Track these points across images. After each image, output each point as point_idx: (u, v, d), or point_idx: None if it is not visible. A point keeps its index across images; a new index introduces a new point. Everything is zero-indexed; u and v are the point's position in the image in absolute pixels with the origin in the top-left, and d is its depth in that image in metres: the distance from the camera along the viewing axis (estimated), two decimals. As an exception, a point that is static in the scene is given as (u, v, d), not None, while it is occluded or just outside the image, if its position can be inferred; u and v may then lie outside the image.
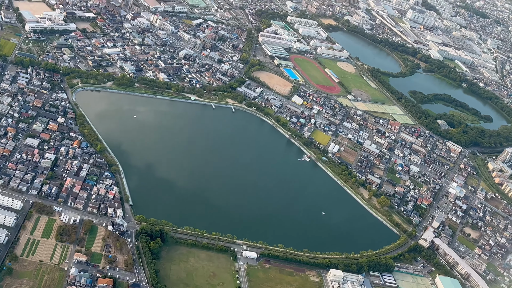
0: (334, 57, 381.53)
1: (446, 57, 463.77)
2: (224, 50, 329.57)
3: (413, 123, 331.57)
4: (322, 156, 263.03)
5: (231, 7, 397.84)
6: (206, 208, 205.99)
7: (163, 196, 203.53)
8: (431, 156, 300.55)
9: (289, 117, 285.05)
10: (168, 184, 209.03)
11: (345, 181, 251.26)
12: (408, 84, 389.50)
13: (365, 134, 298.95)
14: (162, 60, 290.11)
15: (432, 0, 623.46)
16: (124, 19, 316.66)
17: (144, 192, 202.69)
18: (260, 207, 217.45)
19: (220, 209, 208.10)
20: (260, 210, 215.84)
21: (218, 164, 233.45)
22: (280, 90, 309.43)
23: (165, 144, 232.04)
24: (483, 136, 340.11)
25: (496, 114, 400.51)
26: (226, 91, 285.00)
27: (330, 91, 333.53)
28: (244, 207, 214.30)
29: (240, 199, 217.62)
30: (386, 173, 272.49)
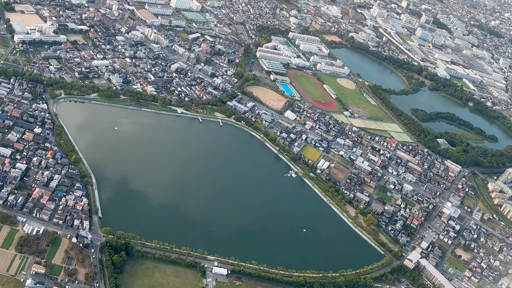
0: (334, 73, 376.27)
1: (454, 76, 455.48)
2: (219, 65, 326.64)
3: (411, 141, 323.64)
4: (310, 172, 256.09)
5: (231, 22, 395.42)
6: (180, 223, 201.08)
7: (136, 209, 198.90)
8: (427, 175, 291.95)
9: (279, 132, 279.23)
10: (142, 198, 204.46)
11: (332, 198, 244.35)
12: (411, 101, 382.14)
13: (358, 151, 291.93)
14: (152, 73, 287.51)
15: (444, 19, 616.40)
16: (118, 32, 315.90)
17: (116, 204, 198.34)
18: (238, 222, 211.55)
19: (195, 224, 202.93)
20: (237, 225, 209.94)
21: (199, 178, 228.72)
22: (273, 105, 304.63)
23: (145, 156, 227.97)
24: (485, 155, 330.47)
25: (502, 134, 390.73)
26: (215, 105, 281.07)
27: (326, 107, 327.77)
28: (221, 222, 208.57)
29: (218, 214, 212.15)
30: (376, 191, 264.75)
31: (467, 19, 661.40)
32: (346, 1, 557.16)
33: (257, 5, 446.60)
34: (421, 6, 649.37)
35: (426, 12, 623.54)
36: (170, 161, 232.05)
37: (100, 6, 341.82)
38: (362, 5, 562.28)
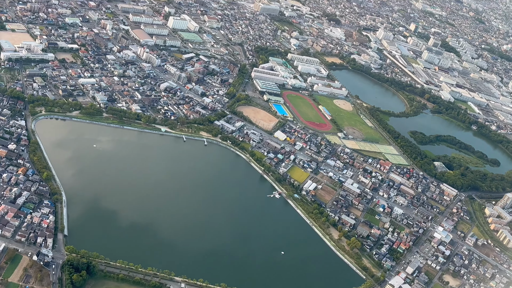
0: (332, 94, 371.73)
1: (458, 99, 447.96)
2: (211, 84, 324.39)
3: (407, 164, 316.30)
4: (294, 193, 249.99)
5: (229, 43, 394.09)
6: (150, 243, 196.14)
7: (105, 228, 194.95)
8: (420, 198, 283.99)
9: (267, 152, 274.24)
10: (113, 216, 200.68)
11: (315, 220, 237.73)
12: (410, 124, 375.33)
13: (349, 172, 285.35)
14: (140, 92, 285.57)
15: (453, 42, 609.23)
16: (109, 51, 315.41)
17: (85, 223, 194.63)
18: (212, 243, 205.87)
19: (166, 244, 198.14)
20: (211, 246, 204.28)
21: (176, 197, 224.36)
22: (264, 125, 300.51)
23: (121, 174, 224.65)
24: (484, 180, 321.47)
25: (506, 158, 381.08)
26: (202, 124, 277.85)
27: (319, 128, 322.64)
28: (194, 242, 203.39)
29: (192, 234, 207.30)
30: (364, 213, 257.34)
31: (478, 43, 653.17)
32: (351, 24, 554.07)
33: (258, 27, 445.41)
34: (431, 29, 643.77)
35: (435, 35, 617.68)
36: (147, 180, 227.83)
37: (94, 26, 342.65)
38: (368, 28, 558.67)
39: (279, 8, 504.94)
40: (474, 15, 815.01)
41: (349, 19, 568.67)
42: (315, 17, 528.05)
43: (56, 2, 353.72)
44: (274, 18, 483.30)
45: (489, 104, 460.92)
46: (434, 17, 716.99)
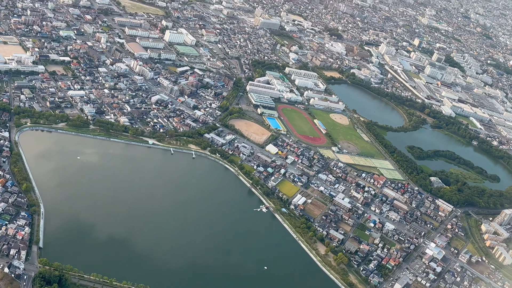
0: (328, 108, 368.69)
1: (460, 114, 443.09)
2: (204, 97, 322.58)
3: (402, 179, 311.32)
4: (282, 207, 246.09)
5: (226, 57, 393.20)
6: (128, 256, 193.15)
7: (82, 241, 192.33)
8: (414, 214, 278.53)
9: (256, 166, 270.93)
10: (91, 229, 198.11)
11: (301, 235, 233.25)
12: (409, 139, 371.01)
13: (341, 187, 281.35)
14: (130, 104, 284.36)
15: (458, 58, 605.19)
16: (102, 64, 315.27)
17: (62, 235, 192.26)
18: (193, 256, 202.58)
19: (145, 258, 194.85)
20: (191, 260, 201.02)
21: (158, 210, 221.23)
22: (255, 139, 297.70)
23: (103, 187, 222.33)
24: (481, 195, 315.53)
25: (507, 174, 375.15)
26: (191, 137, 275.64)
27: (313, 141, 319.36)
28: (174, 256, 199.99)
29: (172, 249, 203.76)
30: (354, 229, 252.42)
31: (483, 58, 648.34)
32: (354, 38, 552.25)
33: (257, 41, 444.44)
34: (435, 44, 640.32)
35: (440, 51, 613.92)
36: (130, 192, 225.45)
37: (89, 39, 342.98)
38: (371, 42, 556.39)
39: (280, 23, 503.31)
40: (481, 30, 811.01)
41: (351, 34, 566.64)
42: (316, 32, 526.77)
43: (52, 15, 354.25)
44: (274, 32, 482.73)
45: (491, 120, 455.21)
46: (440, 33, 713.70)
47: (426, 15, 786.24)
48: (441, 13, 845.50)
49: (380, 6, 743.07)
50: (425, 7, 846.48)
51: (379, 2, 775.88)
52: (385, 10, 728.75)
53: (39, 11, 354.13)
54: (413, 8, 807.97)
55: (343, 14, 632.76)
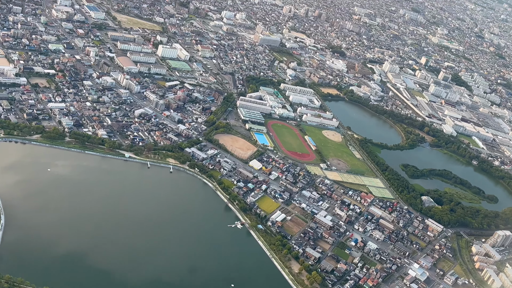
0: (321, 125, 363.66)
1: (462, 133, 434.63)
2: (191, 112, 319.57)
3: (392, 197, 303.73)
4: (258, 224, 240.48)
5: (220, 72, 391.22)
6: (87, 272, 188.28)
7: (40, 254, 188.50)
8: (400, 233, 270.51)
9: (237, 181, 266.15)
10: (51, 243, 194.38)
11: (276, 253, 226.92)
12: (404, 157, 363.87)
13: (325, 204, 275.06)
14: (111, 118, 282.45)
15: (466, 77, 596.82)
16: (88, 77, 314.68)
17: (19, 248, 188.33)
18: (157, 274, 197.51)
19: (104, 273, 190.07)
20: (156, 277, 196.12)
21: (127, 225, 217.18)
22: (240, 154, 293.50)
23: (71, 200, 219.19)
24: (475, 216, 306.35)
25: (507, 195, 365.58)
26: (171, 151, 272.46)
27: (301, 158, 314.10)
28: (136, 273, 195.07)
29: (136, 264, 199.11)
30: (333, 247, 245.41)
31: (494, 78, 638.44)
32: (357, 56, 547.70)
33: (254, 57, 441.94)
34: (444, 63, 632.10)
35: (448, 69, 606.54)
36: (98, 205, 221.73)
37: (78, 52, 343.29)
38: (375, 60, 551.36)
39: (281, 40, 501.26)
40: (494, 50, 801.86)
41: (355, 51, 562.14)
42: (318, 49, 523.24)
43: (43, 29, 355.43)
44: (274, 49, 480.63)
45: (495, 139, 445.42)
46: (450, 52, 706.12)
47: (437, 34, 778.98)
48: (453, 32, 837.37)
49: (390, 25, 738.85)
50: (437, 26, 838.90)
51: (389, 21, 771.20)
52: (394, 29, 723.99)
53: (30, 24, 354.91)
54: (424, 27, 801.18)
55: (348, 32, 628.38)
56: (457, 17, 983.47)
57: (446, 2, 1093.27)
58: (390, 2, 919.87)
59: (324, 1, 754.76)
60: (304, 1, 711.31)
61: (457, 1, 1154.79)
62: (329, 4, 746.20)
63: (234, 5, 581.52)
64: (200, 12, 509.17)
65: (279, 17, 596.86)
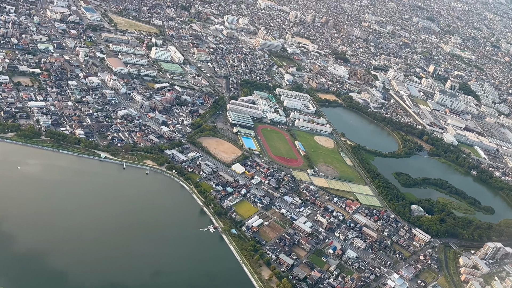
0: (314, 130, 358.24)
1: (464, 142, 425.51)
2: (178, 114, 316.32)
3: (380, 205, 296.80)
4: (232, 229, 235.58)
5: (214, 75, 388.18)
6: (42, 274, 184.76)
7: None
8: (383, 242, 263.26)
9: (215, 185, 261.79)
10: (9, 243, 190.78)
11: (247, 258, 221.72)
12: (399, 165, 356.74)
13: (306, 211, 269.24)
14: (93, 118, 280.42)
15: (475, 86, 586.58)
16: (74, 77, 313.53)
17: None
18: (117, 277, 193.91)
19: (61, 276, 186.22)
20: (115, 280, 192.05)
21: (91, 226, 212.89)
22: (223, 157, 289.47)
23: (37, 198, 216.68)
24: (467, 227, 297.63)
25: (505, 207, 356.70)
26: (150, 152, 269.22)
27: (288, 163, 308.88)
28: (94, 276, 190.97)
29: (95, 267, 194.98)
30: (310, 254, 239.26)
31: (505, 88, 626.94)
32: (362, 63, 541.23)
33: (252, 62, 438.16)
34: (453, 72, 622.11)
35: (457, 78, 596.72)
36: (66, 205, 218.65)
37: (68, 53, 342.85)
38: (380, 67, 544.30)
39: (282, 45, 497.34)
40: (509, 60, 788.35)
41: (360, 58, 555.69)
42: (321, 55, 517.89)
43: (34, 29, 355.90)
44: (274, 54, 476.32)
45: (499, 150, 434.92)
46: (462, 61, 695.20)
47: (450, 43, 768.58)
48: (468, 41, 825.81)
49: (400, 33, 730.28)
50: (451, 35, 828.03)
51: (400, 28, 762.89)
52: (405, 37, 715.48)
53: (22, 24, 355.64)
54: (437, 36, 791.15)
55: (356, 39, 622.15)
56: (474, 26, 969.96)
57: (464, 11, 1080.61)
58: (404, 10, 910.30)
59: (334, 8, 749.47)
60: (313, 7, 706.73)
61: (475, 10, 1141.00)
62: (339, 11, 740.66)
63: (239, 10, 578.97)
64: (201, 16, 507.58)
65: (284, 23, 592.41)
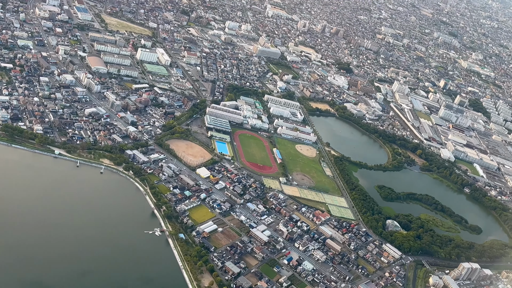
0: (297, 139, 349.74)
1: (462, 159, 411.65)
2: (152, 115, 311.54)
3: (353, 218, 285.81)
4: (180, 233, 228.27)
5: (200, 79, 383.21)
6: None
7: None
8: (346, 256, 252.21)
9: (173, 188, 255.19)
10: None
11: (189, 264, 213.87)
12: (384, 178, 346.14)
13: (269, 219, 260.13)
14: (58, 114, 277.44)
15: (487, 103, 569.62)
16: (49, 74, 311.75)
17: None
18: (43, 277, 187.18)
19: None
20: (40, 279, 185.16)
21: (31, 223, 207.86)
22: (190, 161, 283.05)
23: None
24: (444, 245, 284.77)
25: (497, 227, 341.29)
26: (109, 152, 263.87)
27: (261, 170, 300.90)
28: (19, 274, 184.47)
29: (22, 265, 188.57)
30: (261, 264, 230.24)
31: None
32: (367, 74, 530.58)
33: (246, 68, 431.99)
34: (467, 88, 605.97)
35: (470, 94, 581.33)
36: (9, 201, 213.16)
37: (48, 50, 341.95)
38: (385, 80, 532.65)
39: (282, 53, 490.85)
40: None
41: (366, 69, 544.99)
42: (323, 65, 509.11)
43: (18, 25, 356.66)
44: (272, 61, 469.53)
45: (500, 168, 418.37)
46: (479, 77, 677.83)
47: (470, 58, 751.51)
48: (490, 58, 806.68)
49: (417, 46, 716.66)
50: (473, 51, 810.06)
51: (418, 42, 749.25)
52: (420, 51, 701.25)
53: (6, 20, 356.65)
54: (457, 51, 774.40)
55: (366, 50, 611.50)
56: (500, 44, 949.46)
57: (493, 29, 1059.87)
58: (426, 25, 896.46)
59: (349, 20, 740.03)
60: (326, 18, 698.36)
61: (505, 28, 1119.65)
62: (354, 23, 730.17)
63: (244, 17, 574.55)
64: (201, 21, 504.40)
65: (291, 31, 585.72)
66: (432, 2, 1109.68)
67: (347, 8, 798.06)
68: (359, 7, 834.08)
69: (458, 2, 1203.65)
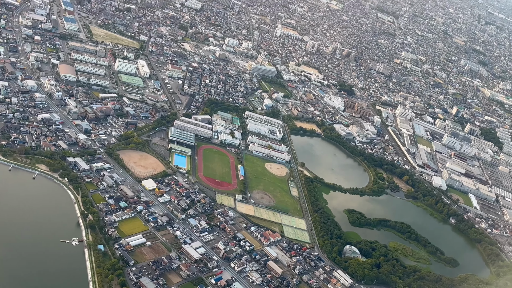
0: (269, 157, 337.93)
1: (457, 188, 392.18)
2: (111, 124, 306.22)
3: (308, 241, 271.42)
4: (100, 244, 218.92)
5: (179, 93, 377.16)
6: None
7: None
8: (286, 280, 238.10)
9: (108, 198, 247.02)
10: None
11: (99, 277, 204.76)
12: (358, 203, 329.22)
13: (209, 236, 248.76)
14: (7, 118, 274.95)
15: (502, 133, 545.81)
16: (12, 79, 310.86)
17: None
18: None
19: None
20: None
21: None
22: (138, 172, 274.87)
23: None
24: (406, 276, 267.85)
25: (479, 262, 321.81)
26: (49, 157, 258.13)
27: (218, 186, 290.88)
28: None
29: None
30: (186, 282, 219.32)
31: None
32: (370, 97, 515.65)
33: (234, 83, 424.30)
34: (483, 117, 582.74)
35: (486, 123, 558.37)
36: None
37: (19, 56, 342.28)
38: (389, 103, 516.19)
39: (279, 71, 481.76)
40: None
41: (370, 92, 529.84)
42: (322, 85, 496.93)
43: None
44: (266, 79, 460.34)
45: (499, 200, 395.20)
46: (501, 107, 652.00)
47: (496, 88, 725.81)
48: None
49: (437, 73, 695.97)
50: (502, 80, 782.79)
51: (440, 69, 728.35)
52: (440, 77, 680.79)
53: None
54: (482, 80, 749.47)
55: (376, 73, 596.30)
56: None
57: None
58: (455, 52, 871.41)
59: (367, 43, 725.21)
60: (341, 40, 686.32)
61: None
62: (372, 46, 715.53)
63: (248, 35, 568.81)
64: (198, 36, 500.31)
65: (297, 51, 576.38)
66: (469, 30, 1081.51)
67: (368, 32, 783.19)
68: (383, 31, 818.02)
69: (499, 32, 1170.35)
